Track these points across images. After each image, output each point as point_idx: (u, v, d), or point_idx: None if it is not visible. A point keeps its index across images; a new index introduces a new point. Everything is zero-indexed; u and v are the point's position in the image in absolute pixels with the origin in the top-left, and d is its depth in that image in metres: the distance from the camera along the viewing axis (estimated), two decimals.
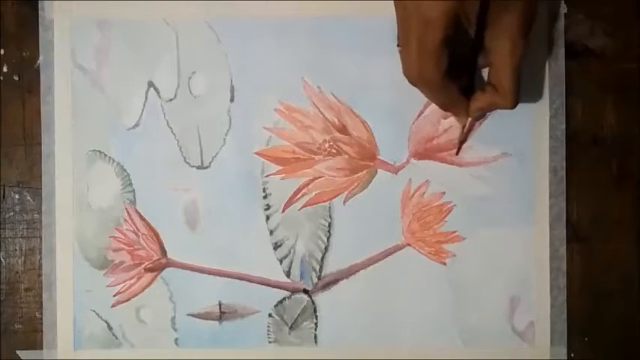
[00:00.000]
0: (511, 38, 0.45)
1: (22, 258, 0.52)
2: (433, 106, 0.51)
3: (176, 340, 0.52)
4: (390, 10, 0.51)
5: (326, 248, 0.51)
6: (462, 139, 0.51)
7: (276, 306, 0.52)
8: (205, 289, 0.51)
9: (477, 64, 0.48)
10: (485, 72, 0.48)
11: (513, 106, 0.47)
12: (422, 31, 0.43)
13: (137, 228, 0.52)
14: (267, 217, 0.51)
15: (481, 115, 0.50)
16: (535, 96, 0.51)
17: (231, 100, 0.52)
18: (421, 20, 0.43)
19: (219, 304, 0.51)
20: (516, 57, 0.45)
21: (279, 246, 0.51)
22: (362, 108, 0.51)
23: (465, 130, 0.50)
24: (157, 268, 0.52)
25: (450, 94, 0.46)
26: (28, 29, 0.52)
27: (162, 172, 0.52)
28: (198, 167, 0.52)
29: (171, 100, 0.52)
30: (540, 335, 0.51)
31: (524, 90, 0.48)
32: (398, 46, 0.46)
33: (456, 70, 0.45)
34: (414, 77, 0.45)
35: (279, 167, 0.51)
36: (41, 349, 0.52)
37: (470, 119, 0.49)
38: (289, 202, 0.51)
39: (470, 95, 0.48)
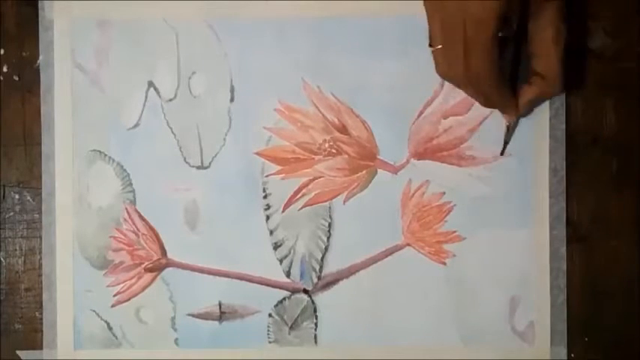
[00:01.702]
0: (554, 25, 0.46)
1: (22, 258, 0.52)
2: (433, 106, 0.51)
3: (176, 340, 0.52)
4: (390, 10, 0.51)
5: (326, 248, 0.51)
6: (508, 139, 0.51)
7: (276, 306, 0.52)
8: (205, 289, 0.51)
9: (519, 57, 0.48)
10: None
11: (562, 92, 0.48)
12: (472, 31, 0.43)
13: (137, 228, 0.52)
14: (267, 217, 0.51)
15: (529, 111, 0.50)
16: None
17: (231, 100, 0.52)
18: (471, 21, 0.43)
19: (219, 304, 0.51)
20: (560, 43, 0.46)
21: (279, 246, 0.51)
22: (362, 108, 0.51)
23: (511, 128, 0.50)
24: (156, 268, 0.52)
25: (500, 91, 0.47)
26: (28, 29, 0.52)
27: (162, 172, 0.52)
28: (198, 167, 0.52)
29: (171, 100, 0.52)
30: (540, 335, 0.51)
31: None
32: (430, 46, 0.46)
33: (501, 65, 0.46)
34: (460, 77, 0.45)
35: (279, 167, 0.51)
36: (41, 349, 0.51)
37: (515, 118, 0.50)
38: (289, 202, 0.51)
39: (514, 90, 0.48)
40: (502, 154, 0.51)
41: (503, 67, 0.46)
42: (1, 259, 0.52)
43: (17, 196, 0.52)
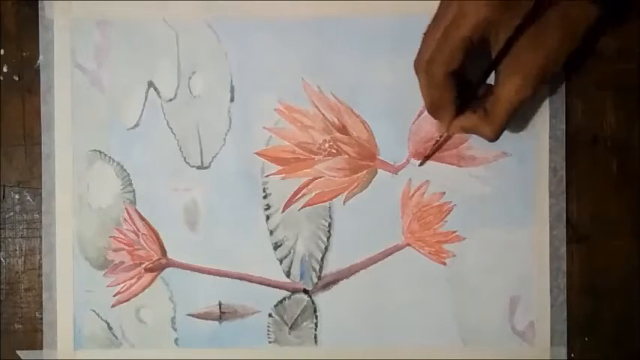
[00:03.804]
0: (524, 78, 0.44)
1: (22, 258, 0.52)
2: None
3: (176, 340, 0.52)
4: (390, 10, 0.51)
5: (326, 248, 0.51)
6: (431, 153, 0.50)
7: (276, 306, 0.52)
8: (205, 289, 0.51)
9: (480, 86, 0.47)
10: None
11: (494, 140, 0.46)
12: (453, 24, 0.43)
13: (137, 228, 0.52)
14: (267, 217, 0.51)
15: (453, 134, 0.50)
16: (535, 96, 0.51)
17: (231, 100, 0.52)
18: (459, 13, 0.43)
19: (219, 304, 0.51)
20: (520, 96, 0.44)
21: (279, 246, 0.51)
22: (362, 108, 0.51)
23: (437, 145, 0.50)
24: (157, 268, 0.52)
25: (443, 96, 0.46)
26: (28, 29, 0.52)
27: (162, 172, 0.52)
28: (198, 167, 0.52)
29: (171, 100, 0.52)
30: (540, 335, 0.51)
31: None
32: (424, 34, 0.46)
33: (460, 83, 0.45)
34: (423, 63, 0.45)
35: (279, 167, 0.51)
36: (41, 349, 0.51)
37: (445, 134, 0.49)
38: (289, 202, 0.51)
39: (460, 110, 0.47)
40: (420, 165, 0.51)
41: (462, 85, 0.46)
42: (1, 259, 0.52)
43: (17, 196, 0.52)
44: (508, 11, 0.43)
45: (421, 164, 0.51)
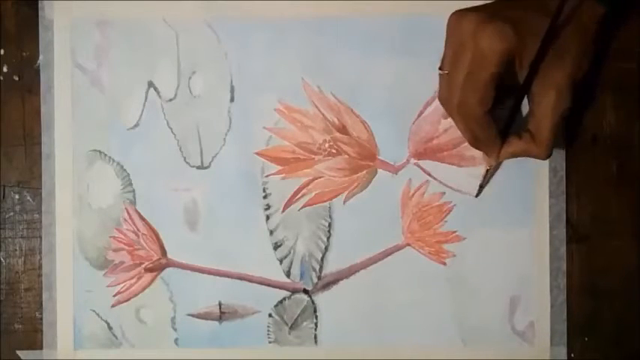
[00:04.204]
0: (559, 91, 0.45)
1: (22, 258, 0.52)
2: (433, 106, 0.51)
3: (176, 340, 0.52)
4: (390, 10, 0.51)
5: (326, 248, 0.51)
6: (484, 183, 0.51)
7: (276, 306, 0.52)
8: (205, 289, 0.51)
9: (518, 109, 0.47)
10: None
11: (547, 157, 0.47)
12: (474, 65, 0.43)
13: (137, 228, 0.52)
14: (267, 217, 0.51)
15: (502, 161, 0.50)
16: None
17: (231, 100, 0.52)
18: (477, 53, 0.43)
19: (219, 304, 0.51)
20: (559, 110, 0.45)
21: (279, 246, 0.51)
22: (362, 108, 0.51)
23: (490, 173, 0.50)
24: (156, 268, 0.52)
25: (486, 132, 0.46)
26: (28, 29, 0.52)
27: (163, 172, 0.52)
28: (198, 167, 0.52)
29: (171, 100, 0.52)
30: (540, 335, 0.51)
31: None
32: (440, 69, 0.47)
33: (496, 111, 0.45)
34: (453, 107, 0.45)
35: (279, 167, 0.51)
36: (41, 349, 0.51)
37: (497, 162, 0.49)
38: (289, 202, 0.51)
39: (504, 138, 0.47)
40: (477, 196, 0.51)
41: (499, 114, 0.46)
42: (1, 259, 0.52)
43: (17, 196, 0.52)
44: (524, 36, 0.43)
45: (476, 196, 0.51)
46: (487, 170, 0.50)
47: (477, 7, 0.46)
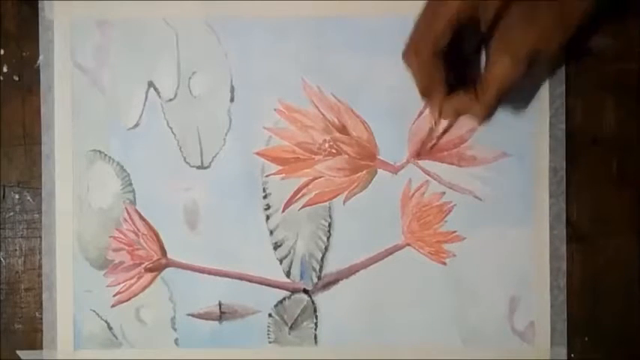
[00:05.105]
0: (513, 58, 0.43)
1: (22, 258, 0.52)
2: None
3: (176, 340, 0.52)
4: (390, 10, 0.51)
5: (326, 248, 0.51)
6: (427, 141, 0.50)
7: (276, 306, 0.52)
8: (205, 289, 0.51)
9: (470, 64, 0.47)
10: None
11: (485, 121, 0.46)
12: (438, 5, 0.43)
13: (137, 228, 0.52)
14: (267, 217, 0.51)
15: (446, 119, 0.49)
16: (535, 96, 0.51)
17: (231, 100, 0.52)
18: None
19: (219, 304, 0.51)
20: (509, 77, 0.44)
21: (279, 246, 0.51)
22: (362, 108, 0.51)
23: (433, 131, 0.50)
24: (156, 268, 0.52)
25: (433, 75, 0.45)
26: (28, 29, 0.52)
27: (163, 172, 0.52)
28: (198, 167, 0.52)
29: (171, 100, 0.52)
30: (540, 335, 0.51)
31: (524, 90, 0.47)
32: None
33: (451, 62, 0.45)
34: (411, 47, 0.45)
35: (279, 167, 0.51)
36: (41, 349, 0.52)
37: (440, 121, 0.49)
38: (289, 202, 0.51)
39: (451, 93, 0.46)
40: (418, 158, 0.50)
41: (454, 65, 0.45)
42: (1, 259, 0.52)
43: (17, 196, 0.52)
44: None
45: (418, 157, 0.50)
46: (430, 128, 0.50)
47: None
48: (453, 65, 0.45)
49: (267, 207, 0.51)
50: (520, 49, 0.43)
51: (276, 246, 0.51)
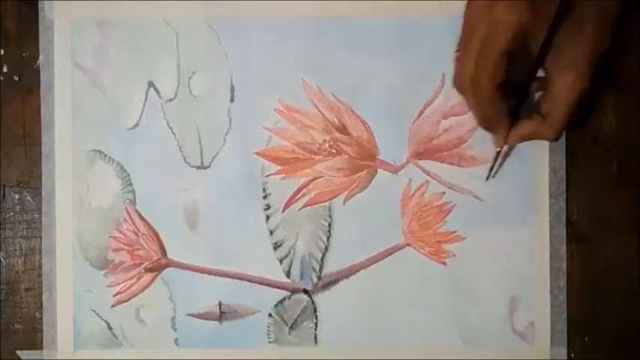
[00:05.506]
0: (575, 68, 0.43)
1: (22, 258, 0.52)
2: (433, 106, 0.51)
3: (176, 340, 0.52)
4: (390, 10, 0.51)
5: (326, 248, 0.51)
6: (494, 165, 0.50)
7: (276, 306, 0.52)
8: (205, 289, 0.51)
9: (529, 89, 0.46)
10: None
11: (556, 139, 0.46)
12: (487, 38, 0.42)
13: (137, 228, 0.52)
14: (267, 217, 0.51)
15: (511, 144, 0.49)
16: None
17: (231, 100, 0.52)
18: (491, 26, 0.42)
19: (219, 304, 0.51)
20: (576, 91, 0.44)
21: (279, 246, 0.51)
22: (362, 108, 0.51)
23: (499, 156, 0.50)
24: (156, 268, 0.52)
25: (496, 110, 0.45)
26: (28, 29, 0.52)
27: (163, 172, 0.52)
28: (198, 167, 0.52)
29: (171, 100, 0.52)
30: (540, 335, 0.51)
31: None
32: (457, 51, 0.45)
33: (508, 90, 0.44)
34: (466, 82, 0.44)
35: (279, 167, 0.51)
36: (41, 349, 0.52)
37: (506, 146, 0.49)
38: (289, 202, 0.51)
39: (514, 120, 0.46)
40: (487, 179, 0.51)
41: (509, 95, 0.45)
42: (1, 259, 0.52)
43: (17, 196, 0.52)
44: (538, 11, 0.42)
45: (487, 179, 0.51)
46: (497, 152, 0.49)
47: None
48: (507, 93, 0.45)
49: (267, 207, 0.51)
50: (579, 57, 0.43)
51: (276, 246, 0.51)
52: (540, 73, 0.45)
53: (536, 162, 0.51)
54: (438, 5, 0.50)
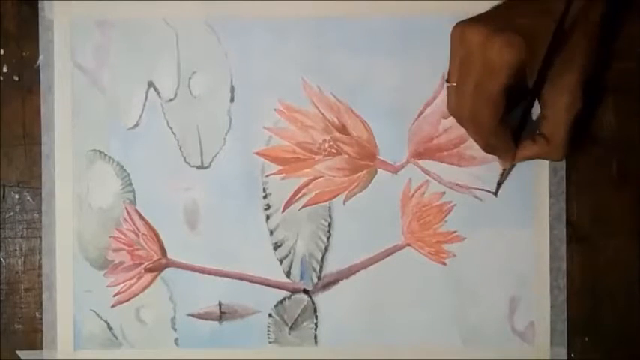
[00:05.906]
0: (570, 93, 0.45)
1: (22, 258, 0.52)
2: (433, 107, 0.51)
3: (176, 340, 0.52)
4: (390, 10, 0.51)
5: (326, 248, 0.51)
6: (502, 180, 0.51)
7: (276, 306, 0.52)
8: (205, 289, 0.51)
9: (529, 114, 0.48)
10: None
11: (562, 159, 0.48)
12: (484, 76, 0.43)
13: (137, 228, 0.52)
14: (267, 217, 0.51)
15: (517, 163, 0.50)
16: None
17: (231, 100, 0.52)
18: (486, 65, 0.43)
19: (219, 304, 0.51)
20: (573, 112, 0.46)
21: (279, 246, 0.51)
22: (362, 108, 0.51)
23: (506, 173, 0.50)
24: (157, 268, 0.52)
25: (500, 140, 0.46)
26: (28, 29, 0.52)
27: (163, 172, 0.52)
28: (198, 167, 0.52)
29: (171, 100, 0.52)
30: (540, 335, 0.51)
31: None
32: (447, 81, 0.47)
33: (508, 116, 0.45)
34: (465, 118, 0.46)
35: (279, 167, 0.51)
36: (41, 349, 0.52)
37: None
38: (289, 202, 0.51)
39: (517, 141, 0.47)
40: (496, 194, 0.51)
41: (509, 121, 0.46)
42: (1, 259, 0.52)
43: (17, 196, 0.52)
44: (532, 45, 0.43)
45: (495, 194, 0.51)
46: (503, 170, 0.50)
47: (480, 17, 0.45)
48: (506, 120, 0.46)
49: (267, 207, 0.51)
50: (572, 83, 0.45)
51: (276, 246, 0.51)
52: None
53: (536, 162, 0.51)
54: (438, 5, 0.50)
